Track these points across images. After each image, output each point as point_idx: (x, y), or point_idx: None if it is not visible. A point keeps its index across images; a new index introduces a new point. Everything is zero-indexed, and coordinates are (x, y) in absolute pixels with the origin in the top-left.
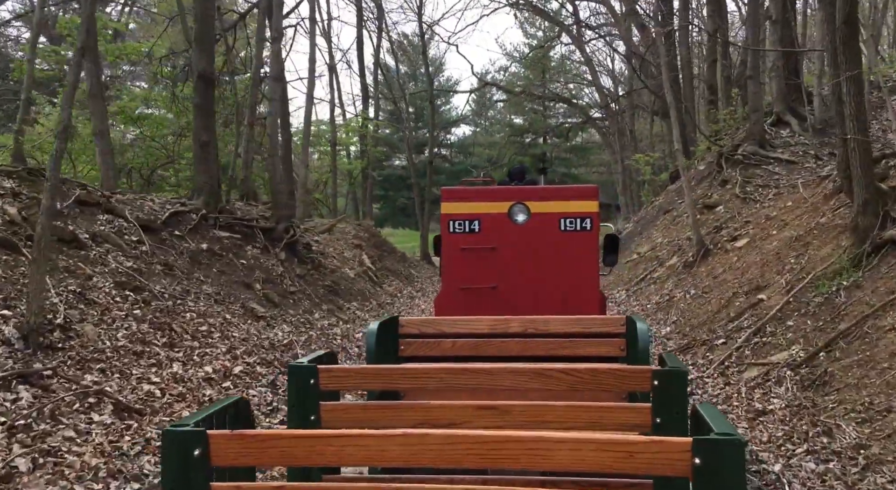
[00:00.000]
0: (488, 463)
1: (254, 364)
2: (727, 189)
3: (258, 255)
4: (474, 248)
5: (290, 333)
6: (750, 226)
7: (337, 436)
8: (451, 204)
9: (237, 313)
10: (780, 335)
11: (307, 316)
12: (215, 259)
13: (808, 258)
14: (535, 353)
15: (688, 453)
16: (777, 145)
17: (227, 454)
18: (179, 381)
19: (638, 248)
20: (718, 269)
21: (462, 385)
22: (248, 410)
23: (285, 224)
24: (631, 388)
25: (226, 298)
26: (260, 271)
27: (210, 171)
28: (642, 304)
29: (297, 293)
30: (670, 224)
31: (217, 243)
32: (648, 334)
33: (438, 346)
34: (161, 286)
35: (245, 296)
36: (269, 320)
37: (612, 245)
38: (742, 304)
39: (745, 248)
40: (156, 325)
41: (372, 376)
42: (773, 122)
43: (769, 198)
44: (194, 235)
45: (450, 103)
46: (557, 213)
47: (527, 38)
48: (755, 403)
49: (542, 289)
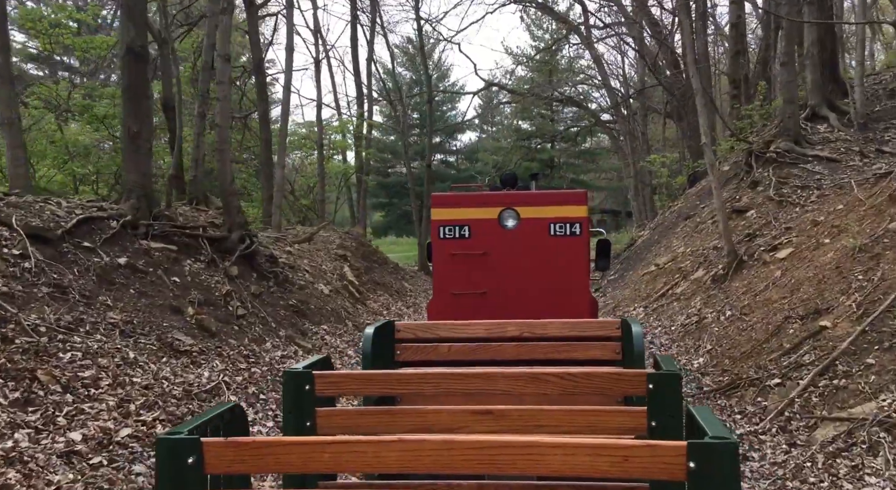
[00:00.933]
0: (485, 468)
1: (153, 422)
2: (759, 191)
3: (200, 270)
4: (464, 254)
5: (223, 373)
6: (792, 233)
7: (333, 442)
8: (441, 210)
9: (149, 349)
10: (858, 377)
11: (255, 346)
12: (136, 277)
13: (881, 274)
14: (531, 356)
15: (683, 457)
16: (814, 142)
17: (221, 462)
18: (15, 461)
19: (656, 258)
20: (758, 285)
21: (458, 390)
22: (244, 417)
23: (240, 233)
24: (626, 392)
25: (137, 329)
26: (199, 291)
27: (142, 169)
28: (665, 326)
29: (246, 317)
30: (693, 231)
31: (142, 257)
32: (643, 338)
33: (435, 350)
34: (39, 316)
35: (169, 324)
36: (196, 356)
37: (603, 250)
38: (798, 332)
39: (790, 259)
40: (8, 374)
41: (368, 382)
42: (807, 116)
43: (811, 200)
44: (111, 247)
45: (455, 109)
46: (547, 218)
47: (534, 40)
48: (843, 483)
49: (533, 294)
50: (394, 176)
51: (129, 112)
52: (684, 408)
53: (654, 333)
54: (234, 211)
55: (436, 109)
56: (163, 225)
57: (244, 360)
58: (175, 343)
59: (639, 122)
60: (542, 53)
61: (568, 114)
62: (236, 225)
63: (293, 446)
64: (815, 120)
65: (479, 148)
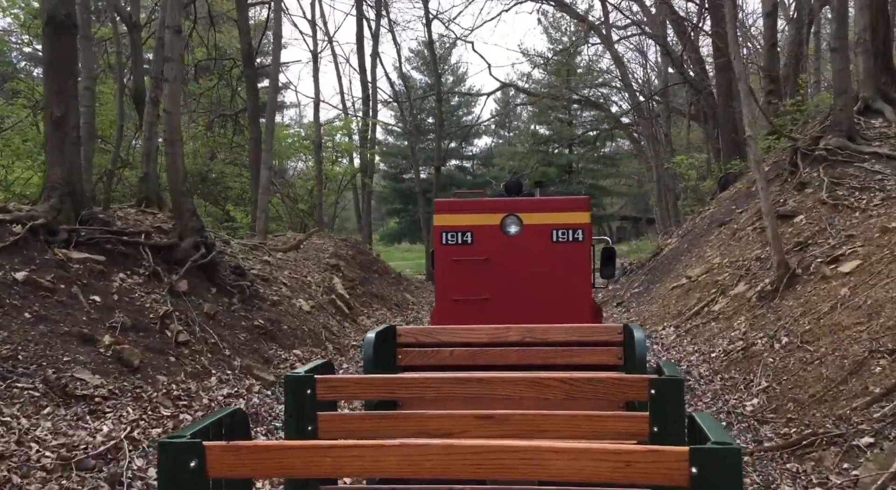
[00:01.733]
0: (486, 473)
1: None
2: (807, 193)
3: (135, 286)
4: (467, 260)
5: (134, 425)
6: (856, 242)
7: (334, 447)
8: (443, 216)
9: (26, 396)
10: None
11: (192, 383)
12: (37, 297)
13: None
14: (533, 361)
15: (685, 462)
16: (870, 137)
17: (223, 466)
18: None
19: (687, 269)
20: (821, 306)
21: (459, 394)
22: (245, 421)
23: (193, 239)
24: (628, 397)
25: (20, 367)
26: (127, 312)
27: (67, 162)
28: (703, 352)
29: (191, 344)
30: (729, 239)
31: (53, 270)
32: (645, 343)
33: (436, 354)
34: None
35: (72, 358)
36: (100, 402)
37: (609, 258)
38: (889, 372)
39: (859, 274)
40: None
41: (369, 385)
42: (859, 109)
43: (875, 204)
44: (10, 258)
45: (471, 112)
46: (549, 224)
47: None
48: None
49: (535, 300)
50: (409, 181)
51: (52, 93)
52: (686, 413)
53: (691, 362)
54: (185, 214)
55: (451, 113)
56: (92, 230)
57: (172, 404)
58: (71, 385)
59: (662, 125)
60: (560, 54)
61: (587, 117)
62: (189, 230)
63: (295, 450)
64: (868, 114)
65: (496, 153)
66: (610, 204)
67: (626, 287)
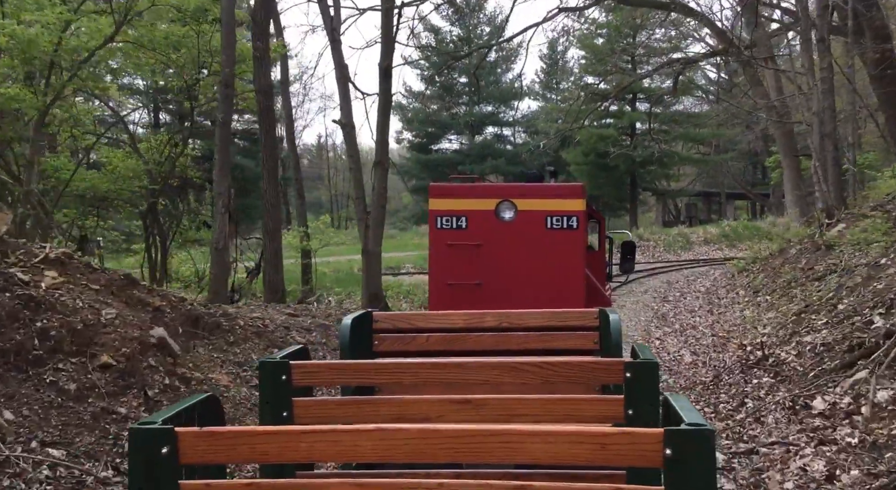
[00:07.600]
0: (463, 457)
1: None
2: None
3: None
4: (461, 245)
5: None
6: None
7: (309, 432)
8: (438, 200)
9: None
10: None
11: None
12: None
13: None
14: (509, 346)
15: (659, 444)
16: None
17: (196, 452)
18: None
19: None
20: None
21: (436, 380)
22: (219, 407)
23: None
24: (604, 381)
25: None
26: None
27: None
28: None
29: None
30: None
31: None
32: (620, 327)
33: (413, 341)
34: None
35: None
36: None
37: (628, 252)
38: None
39: None
40: None
41: (345, 371)
42: None
43: None
44: None
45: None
46: (544, 210)
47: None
48: None
49: (527, 286)
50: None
51: None
52: (661, 395)
53: None
54: None
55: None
56: None
57: None
58: None
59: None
60: None
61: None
62: None
63: (269, 436)
64: None
65: (541, 116)
66: (675, 176)
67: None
